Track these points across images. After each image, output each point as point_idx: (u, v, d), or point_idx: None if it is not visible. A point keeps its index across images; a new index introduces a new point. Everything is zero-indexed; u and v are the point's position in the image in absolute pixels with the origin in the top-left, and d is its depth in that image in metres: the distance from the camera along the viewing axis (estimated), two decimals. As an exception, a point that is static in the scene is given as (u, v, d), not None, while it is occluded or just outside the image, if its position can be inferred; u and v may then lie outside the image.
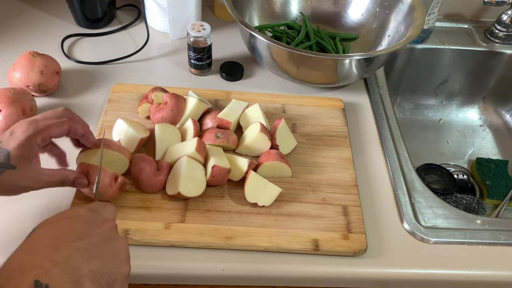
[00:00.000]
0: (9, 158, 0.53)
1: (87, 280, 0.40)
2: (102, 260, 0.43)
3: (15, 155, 0.53)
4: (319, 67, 0.82)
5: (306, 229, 0.65)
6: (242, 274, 0.63)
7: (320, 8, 1.02)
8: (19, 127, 0.55)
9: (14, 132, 0.54)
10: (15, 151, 0.53)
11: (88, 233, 0.44)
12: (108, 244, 0.45)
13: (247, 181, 0.67)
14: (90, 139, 0.62)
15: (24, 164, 0.54)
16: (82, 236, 0.43)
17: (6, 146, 0.53)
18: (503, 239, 0.68)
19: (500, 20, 1.04)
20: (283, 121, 0.75)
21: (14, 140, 0.53)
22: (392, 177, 0.75)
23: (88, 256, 0.42)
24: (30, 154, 0.54)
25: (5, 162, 0.52)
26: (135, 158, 0.67)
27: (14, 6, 1.03)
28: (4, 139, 0.54)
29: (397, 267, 0.65)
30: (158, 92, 0.77)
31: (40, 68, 0.78)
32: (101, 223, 0.47)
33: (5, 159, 0.52)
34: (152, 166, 0.67)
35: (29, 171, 0.55)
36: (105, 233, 0.46)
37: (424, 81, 1.10)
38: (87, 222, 0.46)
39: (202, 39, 0.84)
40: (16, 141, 0.53)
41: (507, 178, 0.97)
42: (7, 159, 0.53)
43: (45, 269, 0.38)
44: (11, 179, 0.53)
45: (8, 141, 0.53)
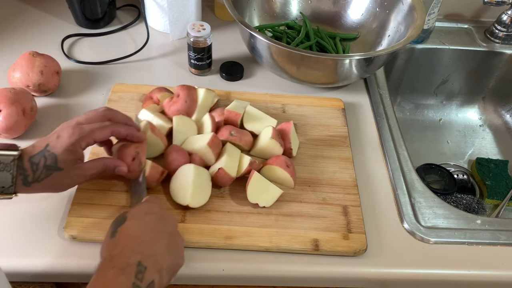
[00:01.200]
0: (57, 161, 0.57)
1: (164, 272, 0.51)
2: (173, 256, 0.53)
3: (62, 159, 0.57)
4: (319, 67, 0.82)
5: (306, 229, 0.65)
6: (242, 274, 0.63)
7: (320, 8, 1.02)
8: (65, 132, 0.58)
9: (61, 136, 0.58)
10: (62, 155, 0.57)
11: (163, 232, 0.54)
12: (175, 241, 0.55)
13: (250, 181, 0.67)
14: (135, 136, 0.65)
15: (70, 166, 0.58)
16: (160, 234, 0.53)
17: (54, 150, 0.57)
18: (503, 239, 0.68)
19: (500, 20, 1.04)
20: (292, 124, 0.75)
21: (60, 145, 0.57)
22: (392, 177, 0.75)
23: (166, 254, 0.52)
24: (75, 157, 0.59)
25: (53, 164, 0.57)
26: (169, 148, 0.69)
27: (14, 6, 1.03)
28: (52, 143, 0.58)
29: (397, 267, 0.65)
30: (164, 93, 0.77)
31: (40, 68, 0.78)
32: (169, 220, 0.57)
33: (53, 162, 0.57)
34: (185, 158, 0.68)
35: (73, 170, 0.59)
36: (173, 231, 0.56)
37: (424, 81, 1.10)
38: (161, 219, 0.55)
39: (202, 39, 0.84)
40: (63, 145, 0.57)
41: (507, 178, 0.97)
42: (55, 162, 0.57)
43: (144, 256, 0.49)
44: (58, 179, 0.58)
45: (56, 145, 0.57)
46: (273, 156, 0.72)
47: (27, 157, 0.56)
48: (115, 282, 0.46)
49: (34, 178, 0.57)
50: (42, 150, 0.57)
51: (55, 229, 0.64)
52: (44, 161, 0.57)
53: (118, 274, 0.47)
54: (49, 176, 0.57)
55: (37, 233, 0.64)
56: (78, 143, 0.58)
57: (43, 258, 0.61)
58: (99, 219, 0.64)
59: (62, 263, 0.61)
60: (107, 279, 0.46)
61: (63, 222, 0.64)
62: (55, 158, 0.57)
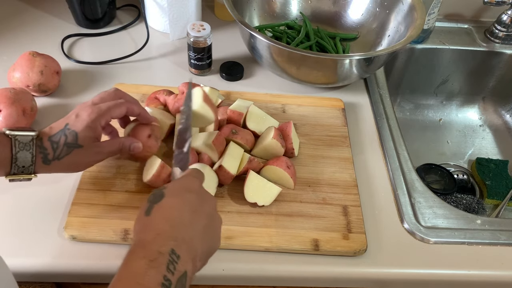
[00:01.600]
0: (77, 139, 0.59)
1: (197, 259, 0.48)
2: (209, 242, 0.51)
3: (82, 136, 0.59)
4: (319, 67, 0.82)
5: (306, 229, 0.65)
6: (242, 274, 0.63)
7: (320, 8, 1.02)
8: (84, 111, 0.60)
9: (80, 115, 0.60)
10: (82, 132, 0.59)
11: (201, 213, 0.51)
12: (213, 225, 0.52)
13: (247, 180, 0.67)
14: (146, 116, 0.67)
15: (89, 143, 0.60)
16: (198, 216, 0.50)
17: (74, 128, 0.59)
18: (503, 239, 0.68)
19: (500, 20, 1.04)
20: (292, 124, 0.75)
21: (81, 123, 0.59)
22: (392, 177, 0.75)
23: (201, 239, 0.49)
24: (95, 135, 0.61)
25: (74, 142, 0.59)
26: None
27: (14, 6, 1.03)
28: (71, 121, 0.59)
29: (397, 267, 0.65)
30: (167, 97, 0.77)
31: (40, 68, 0.78)
32: (209, 199, 0.53)
33: (73, 139, 0.59)
34: (194, 156, 0.68)
35: (92, 148, 0.61)
36: (211, 211, 0.52)
37: (424, 81, 1.10)
38: (200, 198, 0.52)
39: (202, 39, 0.84)
40: (83, 123, 0.59)
41: (507, 178, 0.97)
42: (75, 139, 0.59)
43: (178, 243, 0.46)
44: (79, 157, 0.60)
45: (76, 123, 0.59)
46: (274, 157, 0.72)
47: (46, 137, 0.58)
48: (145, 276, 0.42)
49: (55, 156, 0.58)
50: (62, 129, 0.59)
51: (55, 229, 0.64)
52: (65, 139, 0.58)
53: (148, 266, 0.43)
54: (70, 153, 0.59)
55: (37, 233, 0.63)
56: (98, 120, 0.60)
57: (43, 258, 0.61)
58: (99, 219, 0.64)
59: (62, 263, 0.61)
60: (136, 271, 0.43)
61: (63, 222, 0.64)
62: (76, 136, 0.58)
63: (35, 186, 0.65)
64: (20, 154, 0.56)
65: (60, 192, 0.68)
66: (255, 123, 0.75)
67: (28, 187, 0.62)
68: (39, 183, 0.62)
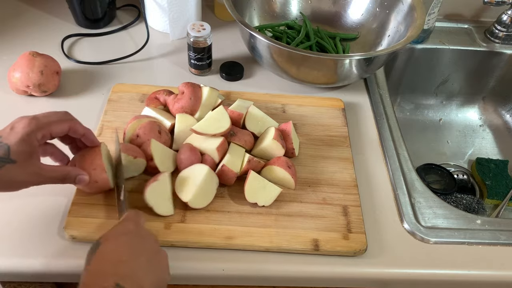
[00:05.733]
0: (9, 153, 0.53)
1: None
2: (156, 273, 0.51)
3: (15, 150, 0.53)
4: (319, 67, 0.82)
5: (306, 229, 0.65)
6: (242, 274, 0.63)
7: (320, 8, 1.02)
8: (20, 123, 0.55)
9: (15, 127, 0.55)
10: (15, 146, 0.53)
11: (142, 249, 0.51)
12: (157, 258, 0.52)
13: (247, 181, 0.67)
14: (91, 138, 0.62)
15: (24, 159, 0.54)
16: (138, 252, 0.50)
17: (6, 141, 0.54)
18: (503, 239, 0.68)
19: (500, 20, 1.04)
20: (292, 124, 0.75)
21: (14, 135, 0.54)
22: (392, 177, 0.75)
23: (147, 271, 0.49)
24: (30, 150, 0.55)
25: (5, 156, 0.53)
26: (183, 146, 0.69)
27: (14, 6, 1.03)
28: (5, 134, 0.54)
29: (397, 267, 0.65)
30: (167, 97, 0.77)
31: (40, 68, 0.78)
32: (147, 237, 0.54)
33: (5, 153, 0.53)
34: (197, 157, 0.68)
35: (29, 166, 0.55)
36: (153, 247, 0.53)
37: (424, 81, 1.10)
38: (138, 237, 0.52)
39: (202, 39, 0.84)
40: (17, 136, 0.54)
41: (507, 178, 0.97)
42: (7, 153, 0.53)
43: (121, 277, 0.46)
44: (11, 174, 0.54)
45: (9, 136, 0.54)
46: (274, 157, 0.72)
47: None
48: None
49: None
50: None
51: (55, 229, 0.64)
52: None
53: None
54: (0, 168, 0.53)
55: (37, 233, 0.63)
56: (34, 133, 0.55)
57: (43, 258, 0.61)
58: (99, 219, 0.64)
59: (62, 263, 0.61)
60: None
61: (63, 222, 0.64)
62: (8, 150, 0.53)
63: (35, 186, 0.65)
64: None
65: (60, 192, 0.68)
66: (254, 125, 0.75)
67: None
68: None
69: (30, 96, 0.82)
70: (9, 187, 0.56)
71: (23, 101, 0.81)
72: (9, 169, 0.53)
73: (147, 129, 0.69)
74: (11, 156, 0.53)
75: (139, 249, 0.51)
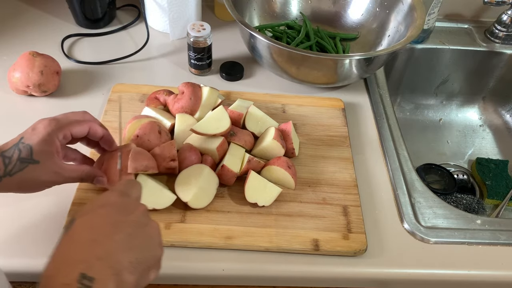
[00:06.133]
0: (32, 153, 0.54)
1: (126, 272, 0.41)
2: (139, 250, 0.44)
3: (38, 150, 0.54)
4: (319, 67, 0.82)
5: (306, 229, 0.65)
6: (242, 274, 0.63)
7: (320, 8, 1.02)
8: (41, 124, 0.56)
9: (36, 128, 0.56)
10: (37, 146, 0.54)
11: (124, 223, 0.44)
12: (143, 232, 0.45)
13: (247, 181, 0.67)
14: (109, 142, 0.63)
15: (46, 158, 0.55)
16: (119, 227, 0.44)
17: (29, 141, 0.54)
18: (503, 239, 0.68)
19: (500, 20, 1.04)
20: (292, 124, 0.75)
21: (36, 136, 0.55)
22: (392, 177, 0.75)
23: (127, 248, 0.43)
24: (52, 149, 0.56)
25: (28, 156, 0.54)
26: (184, 146, 0.69)
27: (14, 6, 1.03)
28: (27, 135, 0.55)
29: (397, 267, 0.65)
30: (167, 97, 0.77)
31: (40, 68, 0.78)
32: (134, 208, 0.47)
33: (28, 153, 0.54)
34: (197, 157, 0.68)
35: (51, 166, 0.56)
36: (139, 220, 0.46)
37: (424, 81, 1.10)
38: (121, 209, 0.46)
39: (202, 39, 0.84)
40: (39, 136, 0.55)
41: (507, 178, 0.97)
42: (30, 153, 0.54)
43: (89, 263, 0.40)
44: (34, 174, 0.54)
45: (31, 137, 0.55)
46: (274, 157, 0.72)
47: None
48: None
49: (6, 172, 0.53)
50: (16, 143, 0.54)
51: (55, 229, 0.64)
52: (18, 154, 0.53)
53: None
54: (23, 169, 0.54)
55: (37, 233, 0.63)
56: (55, 133, 0.56)
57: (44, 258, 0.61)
58: (99, 219, 0.64)
59: (62, 263, 0.61)
60: None
61: (63, 222, 0.64)
62: (30, 150, 0.54)
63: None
64: None
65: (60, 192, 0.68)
66: (254, 125, 0.75)
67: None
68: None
69: (30, 96, 0.82)
70: (32, 188, 0.57)
71: (23, 101, 0.82)
72: (33, 169, 0.54)
73: (147, 129, 0.69)
74: (34, 156, 0.54)
75: (120, 223, 0.44)
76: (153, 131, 0.69)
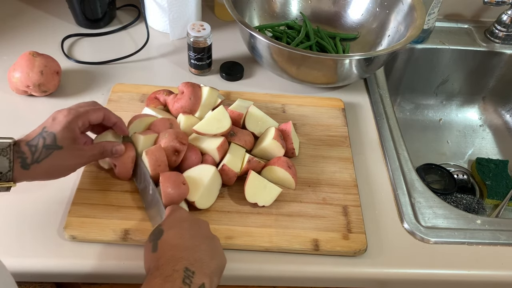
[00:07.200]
0: (56, 140, 0.58)
1: (214, 275, 0.51)
2: (217, 258, 0.53)
3: (60, 137, 0.59)
4: (319, 67, 0.82)
5: (306, 229, 0.65)
6: (242, 274, 0.63)
7: (320, 8, 1.02)
8: (61, 114, 0.61)
9: (56, 117, 0.60)
10: (60, 133, 0.59)
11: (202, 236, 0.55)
12: (213, 244, 0.55)
13: (247, 181, 0.67)
14: (123, 128, 0.67)
15: (69, 143, 0.59)
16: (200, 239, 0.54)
17: (52, 129, 0.59)
18: (503, 239, 0.68)
19: (500, 20, 1.04)
20: (291, 124, 0.75)
21: (58, 124, 0.59)
22: (392, 177, 0.75)
23: (211, 256, 0.53)
24: (73, 135, 0.60)
25: (53, 143, 0.58)
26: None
27: (14, 6, 1.03)
28: (48, 125, 0.60)
29: (397, 267, 0.65)
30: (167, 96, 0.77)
31: (40, 68, 0.78)
32: (202, 223, 0.57)
33: (52, 140, 0.58)
34: (198, 157, 0.68)
35: (73, 150, 0.60)
36: (208, 233, 0.57)
37: (424, 81, 1.10)
38: (194, 224, 0.56)
39: (202, 39, 0.84)
40: (61, 124, 0.59)
41: (507, 178, 0.97)
42: (54, 140, 0.58)
43: (190, 261, 0.50)
44: (59, 159, 0.59)
45: (53, 126, 0.59)
46: (274, 157, 0.72)
47: (24, 142, 0.57)
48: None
49: (33, 159, 0.57)
50: (40, 133, 0.58)
51: (55, 229, 0.64)
52: (43, 141, 0.58)
53: (163, 281, 0.47)
54: (49, 156, 0.58)
55: (37, 233, 0.63)
56: (75, 121, 0.60)
57: (43, 258, 0.61)
58: (99, 219, 0.64)
59: (62, 263, 0.61)
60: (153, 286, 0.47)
61: (63, 222, 0.64)
62: (54, 137, 0.58)
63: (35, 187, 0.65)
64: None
65: (60, 192, 0.68)
66: (254, 125, 0.75)
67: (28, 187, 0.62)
68: (40, 183, 0.62)
69: (30, 96, 0.82)
70: (58, 172, 0.61)
71: (23, 101, 0.82)
72: (58, 155, 0.58)
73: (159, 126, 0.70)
74: (58, 142, 0.58)
75: (199, 236, 0.54)
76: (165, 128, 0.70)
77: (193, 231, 0.54)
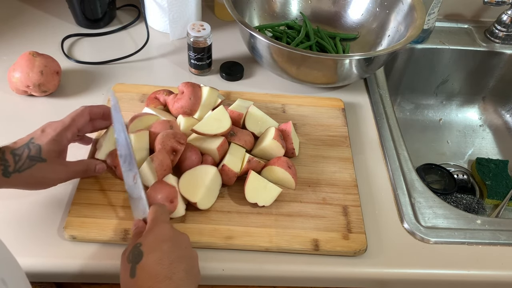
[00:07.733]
0: (41, 152, 0.58)
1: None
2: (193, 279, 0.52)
3: (46, 149, 0.59)
4: (319, 67, 0.82)
5: (306, 229, 0.65)
6: (242, 274, 0.63)
7: (320, 8, 1.02)
8: (50, 126, 0.61)
9: (45, 129, 0.61)
10: (46, 146, 0.59)
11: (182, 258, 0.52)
12: (191, 263, 0.54)
13: (247, 181, 0.67)
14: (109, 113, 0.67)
15: (53, 157, 0.60)
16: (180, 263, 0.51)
17: (39, 141, 0.59)
18: (503, 239, 0.68)
19: (500, 20, 1.04)
20: (291, 124, 0.75)
21: (46, 137, 0.60)
22: (392, 177, 0.75)
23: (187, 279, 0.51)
24: (60, 149, 0.61)
25: (37, 155, 0.58)
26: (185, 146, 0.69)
27: (14, 6, 1.03)
28: (36, 136, 0.60)
29: (397, 267, 0.65)
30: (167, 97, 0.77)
31: (40, 68, 0.78)
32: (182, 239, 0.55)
33: (37, 152, 0.58)
34: (197, 157, 0.68)
35: (57, 164, 0.60)
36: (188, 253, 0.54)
37: (424, 81, 1.10)
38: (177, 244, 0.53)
39: (202, 39, 0.84)
40: (48, 136, 0.60)
41: (507, 178, 0.97)
42: (39, 152, 0.58)
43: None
44: (41, 172, 0.59)
45: (41, 137, 0.60)
46: (274, 157, 0.72)
47: (8, 150, 0.58)
48: None
49: (16, 168, 0.57)
50: (26, 143, 0.59)
51: (55, 229, 0.64)
52: (28, 152, 0.58)
53: None
54: (32, 167, 0.58)
55: (37, 233, 0.63)
56: (64, 133, 0.61)
57: (43, 258, 0.61)
58: (99, 219, 0.64)
59: (62, 263, 0.61)
60: None
61: (63, 222, 0.64)
62: (40, 149, 0.58)
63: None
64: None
65: (60, 192, 0.68)
66: (254, 125, 0.75)
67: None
68: (39, 183, 0.62)
69: (30, 96, 0.82)
70: (38, 184, 0.61)
71: (23, 101, 0.82)
72: (40, 167, 0.58)
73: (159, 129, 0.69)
74: (42, 155, 0.58)
75: (179, 259, 0.52)
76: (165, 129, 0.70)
77: (173, 255, 0.51)
